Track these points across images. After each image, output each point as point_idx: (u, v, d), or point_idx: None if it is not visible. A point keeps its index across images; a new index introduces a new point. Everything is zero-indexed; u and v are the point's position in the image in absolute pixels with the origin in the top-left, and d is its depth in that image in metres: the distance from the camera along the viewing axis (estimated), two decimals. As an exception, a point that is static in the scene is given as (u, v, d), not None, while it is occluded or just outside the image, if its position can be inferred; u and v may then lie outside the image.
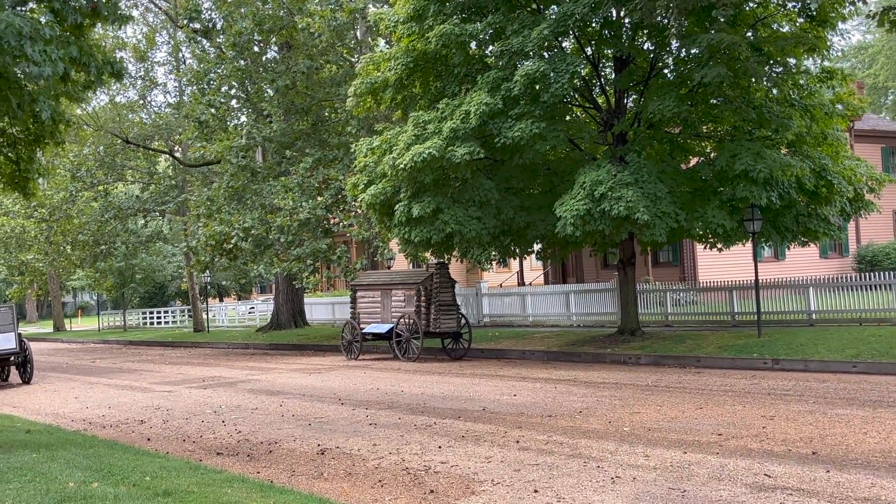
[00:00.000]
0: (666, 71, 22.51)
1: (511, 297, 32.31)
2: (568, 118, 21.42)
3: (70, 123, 15.21)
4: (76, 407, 17.78)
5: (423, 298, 23.67)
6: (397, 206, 21.07)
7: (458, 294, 27.51)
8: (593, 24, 20.95)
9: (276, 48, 34.39)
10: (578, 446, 10.61)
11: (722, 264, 33.63)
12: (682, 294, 27.79)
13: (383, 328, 24.60)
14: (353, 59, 32.17)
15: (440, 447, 11.06)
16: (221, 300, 71.51)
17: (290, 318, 37.81)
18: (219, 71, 31.81)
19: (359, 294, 25.77)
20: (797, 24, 21.47)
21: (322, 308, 42.09)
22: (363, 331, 25.24)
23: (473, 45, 22.45)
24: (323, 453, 11.19)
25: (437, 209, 20.56)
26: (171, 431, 13.82)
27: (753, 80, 19.64)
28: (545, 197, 22.03)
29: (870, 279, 23.04)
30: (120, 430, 14.32)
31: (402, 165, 20.02)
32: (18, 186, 15.24)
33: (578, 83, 20.97)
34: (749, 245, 33.61)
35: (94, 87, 14.43)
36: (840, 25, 21.78)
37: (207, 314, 45.50)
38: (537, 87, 19.98)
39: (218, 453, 11.67)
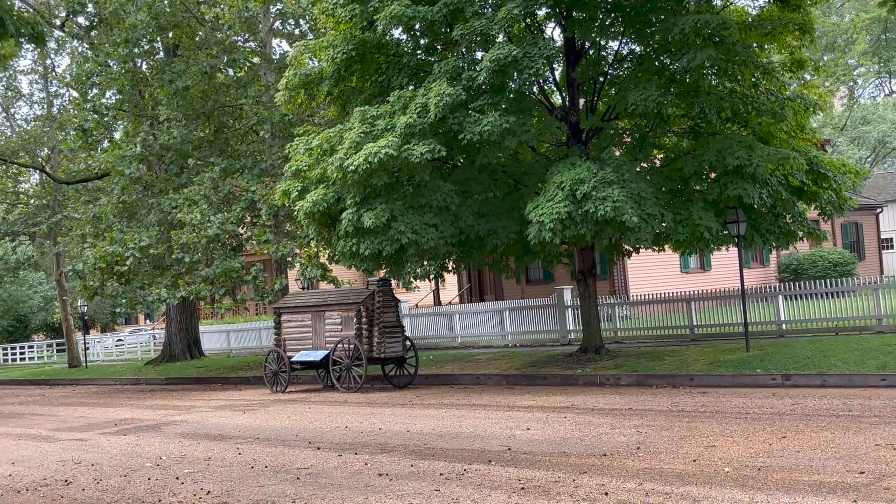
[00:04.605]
0: (618, 62, 20.62)
1: (437, 316, 29.81)
2: (534, 113, 19.06)
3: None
4: (-32, 465, 14.31)
5: (364, 320, 20.89)
6: (343, 214, 18.28)
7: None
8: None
9: (162, 52, 31.03)
10: (694, 497, 8.20)
11: (651, 276, 32.09)
12: (627, 308, 25.90)
13: (317, 355, 21.63)
14: (256, 61, 29.29)
15: (507, 505, 8.48)
16: (88, 332, 66.28)
17: (185, 349, 34.22)
18: (103, 73, 28.31)
19: (284, 318, 22.73)
20: (763, 10, 19.91)
21: (215, 337, 38.59)
22: (292, 359, 22.21)
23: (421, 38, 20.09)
24: (349, 521, 8.45)
25: (392, 217, 17.90)
26: (114, 495, 10.72)
27: (743, 67, 17.87)
28: (504, 201, 19.68)
29: (843, 285, 21.61)
30: (42, 495, 11.13)
31: (352, 167, 17.29)
32: None
33: (545, 73, 18.69)
34: (675, 255, 32.46)
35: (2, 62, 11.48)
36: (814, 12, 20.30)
37: (86, 348, 41.20)
38: (504, 75, 17.66)
39: (199, 526, 8.77)
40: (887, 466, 8.81)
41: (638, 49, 19.83)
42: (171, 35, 28.94)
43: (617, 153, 19.39)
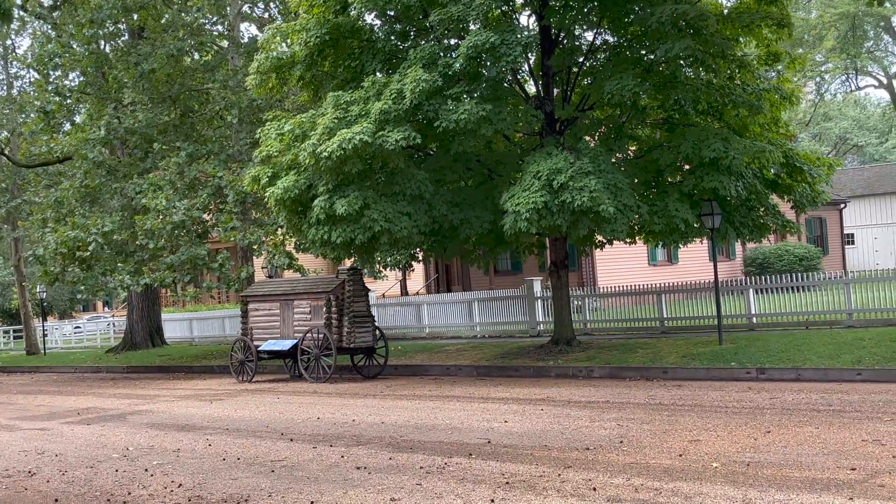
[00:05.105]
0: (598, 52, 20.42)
1: (404, 307, 29.53)
2: (510, 101, 18.80)
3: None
4: (-75, 455, 13.82)
5: (334, 309, 20.56)
6: (316, 202, 17.91)
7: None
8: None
9: (127, 34, 30.40)
10: (685, 493, 8.02)
11: (619, 269, 32.09)
12: (597, 300, 25.79)
13: (285, 345, 21.27)
14: (224, 45, 28.78)
15: (493, 501, 8.24)
16: (45, 319, 65.21)
17: (147, 337, 33.62)
18: (67, 55, 27.71)
19: (251, 306, 22.33)
20: (741, 2, 19.76)
21: (178, 325, 38.04)
22: (259, 349, 21.83)
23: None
24: (329, 516, 8.18)
25: (365, 205, 17.57)
26: (81, 487, 10.35)
27: (720, 59, 17.75)
28: (478, 191, 19.45)
29: (814, 280, 21.66)
30: (5, 486, 10.73)
31: (325, 154, 16.93)
32: None
33: (522, 61, 18.44)
34: (642, 248, 32.44)
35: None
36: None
37: (44, 335, 40.44)
38: (479, 62, 17.41)
39: (173, 521, 8.45)
40: (878, 463, 8.69)
41: (613, 39, 19.65)
42: (136, 17, 28.35)
43: (591, 144, 19.22)
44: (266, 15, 29.48)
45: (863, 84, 55.00)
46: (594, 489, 8.40)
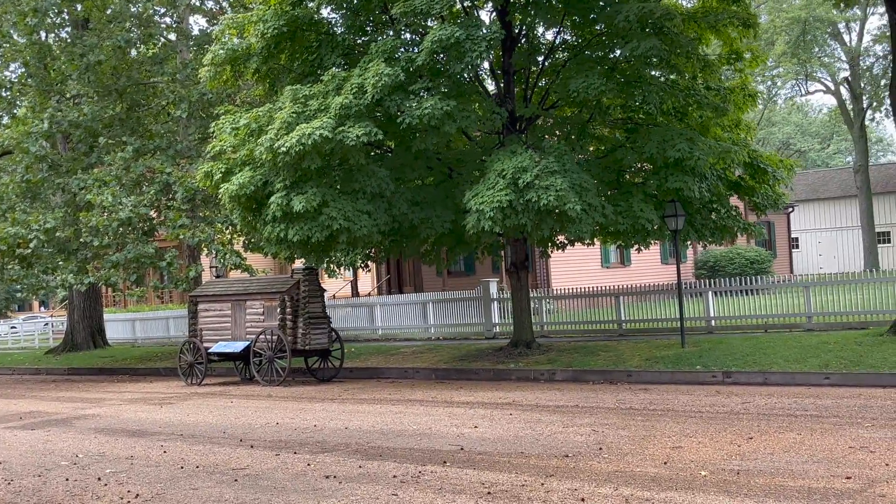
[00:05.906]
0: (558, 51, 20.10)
1: (357, 308, 28.96)
2: (472, 98, 18.37)
3: None
4: None
5: (288, 310, 19.95)
6: (272, 198, 17.30)
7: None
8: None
9: (69, 26, 29.42)
10: None
11: (573, 270, 31.88)
12: (553, 302, 25.47)
13: (237, 347, 20.59)
14: (173, 38, 27.99)
15: (476, 513, 7.81)
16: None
17: (88, 338, 32.53)
18: (7, 45, 26.74)
19: (202, 307, 21.59)
20: (705, 0, 19.55)
21: (120, 326, 36.95)
22: (209, 350, 21.11)
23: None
24: (302, 530, 7.67)
25: (323, 202, 17.01)
26: (29, 497, 9.69)
27: (685, 59, 17.53)
28: (439, 189, 19.00)
29: (774, 283, 21.60)
30: (-54, 499, 10.03)
31: (283, 149, 16.35)
32: None
33: (486, 57, 18.01)
34: (596, 249, 32.29)
35: None
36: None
37: (-21, 335, 39.14)
38: (442, 57, 16.98)
39: (133, 536, 7.87)
40: (872, 471, 8.41)
41: (575, 39, 19.36)
42: (80, 7, 27.43)
43: (553, 143, 18.89)
44: (217, 7, 28.74)
45: (812, 89, 55.85)
46: (582, 500, 8.00)
